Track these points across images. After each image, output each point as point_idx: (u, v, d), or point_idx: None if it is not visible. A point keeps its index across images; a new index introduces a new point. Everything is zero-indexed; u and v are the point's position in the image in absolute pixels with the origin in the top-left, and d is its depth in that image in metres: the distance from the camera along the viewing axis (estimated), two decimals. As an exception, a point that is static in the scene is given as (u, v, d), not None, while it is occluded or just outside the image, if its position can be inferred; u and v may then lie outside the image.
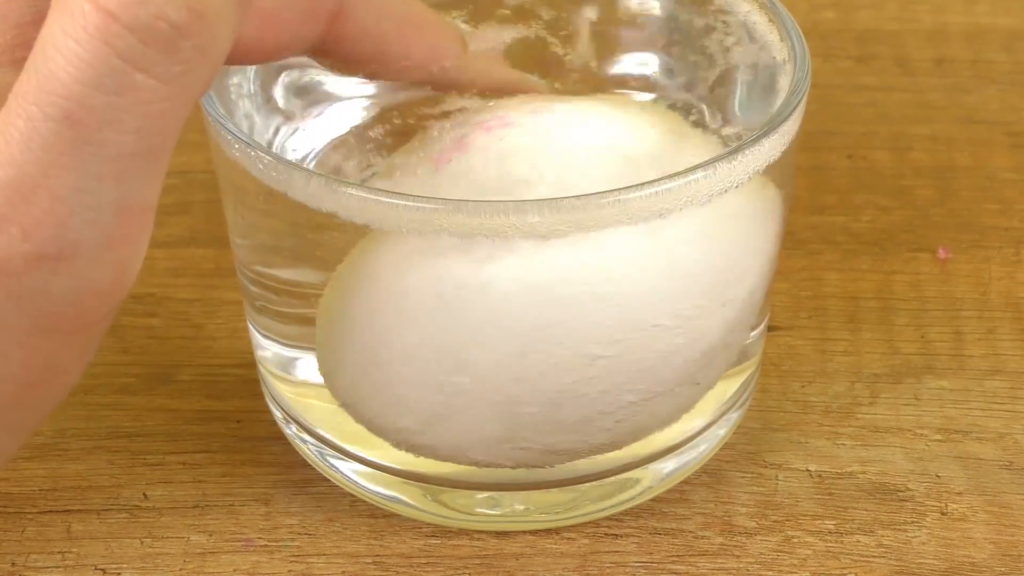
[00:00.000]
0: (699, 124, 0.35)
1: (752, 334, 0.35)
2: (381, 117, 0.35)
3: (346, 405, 0.33)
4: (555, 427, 0.31)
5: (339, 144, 0.35)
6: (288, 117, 0.35)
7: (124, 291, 0.27)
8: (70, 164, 0.25)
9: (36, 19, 0.27)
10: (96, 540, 0.34)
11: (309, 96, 0.36)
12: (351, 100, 0.36)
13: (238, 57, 0.29)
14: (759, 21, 0.35)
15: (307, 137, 0.35)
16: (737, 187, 0.30)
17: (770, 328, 0.39)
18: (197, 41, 0.25)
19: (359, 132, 0.35)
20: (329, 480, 0.35)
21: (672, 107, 0.35)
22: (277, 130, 0.35)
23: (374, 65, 0.32)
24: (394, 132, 0.35)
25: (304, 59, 0.33)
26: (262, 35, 0.29)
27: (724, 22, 0.35)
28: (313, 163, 0.35)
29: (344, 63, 0.32)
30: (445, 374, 0.30)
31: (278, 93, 0.35)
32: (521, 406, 0.31)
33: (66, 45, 0.25)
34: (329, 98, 0.36)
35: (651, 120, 0.32)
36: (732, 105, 0.35)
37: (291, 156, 0.35)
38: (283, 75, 0.35)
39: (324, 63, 0.32)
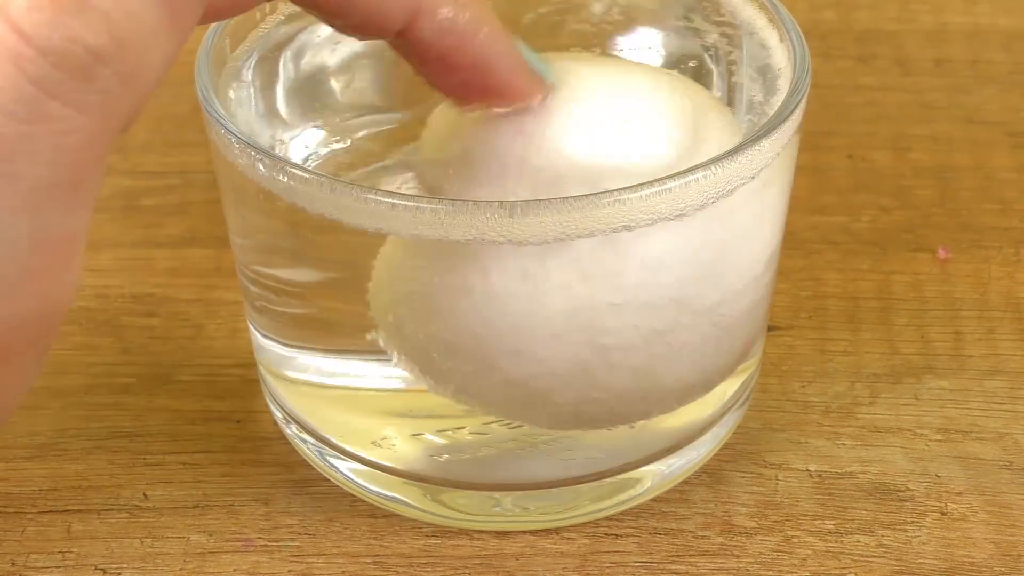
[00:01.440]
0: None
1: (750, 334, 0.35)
2: (379, 130, 0.35)
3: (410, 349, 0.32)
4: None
5: (338, 153, 0.35)
6: (287, 117, 0.35)
7: (54, 318, 0.26)
8: None
9: None
10: (96, 540, 0.34)
11: (309, 95, 0.36)
12: (350, 111, 0.36)
13: (212, 16, 0.27)
14: (759, 21, 0.35)
15: (306, 145, 0.35)
16: (737, 187, 0.30)
17: (770, 328, 0.39)
18: (118, 68, 0.23)
19: (357, 143, 0.35)
20: (329, 480, 0.35)
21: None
22: (276, 130, 0.35)
23: (349, 14, 0.28)
24: (390, 141, 0.35)
25: (304, 66, 0.33)
26: None
27: (724, 22, 0.35)
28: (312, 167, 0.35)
29: (319, 9, 0.29)
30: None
31: (278, 93, 0.35)
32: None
33: None
34: (329, 108, 0.36)
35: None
36: (731, 106, 0.35)
37: (290, 155, 0.35)
38: (283, 83, 0.35)
39: (304, 7, 0.29)
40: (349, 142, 0.35)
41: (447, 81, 0.29)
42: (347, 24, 0.28)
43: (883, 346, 0.39)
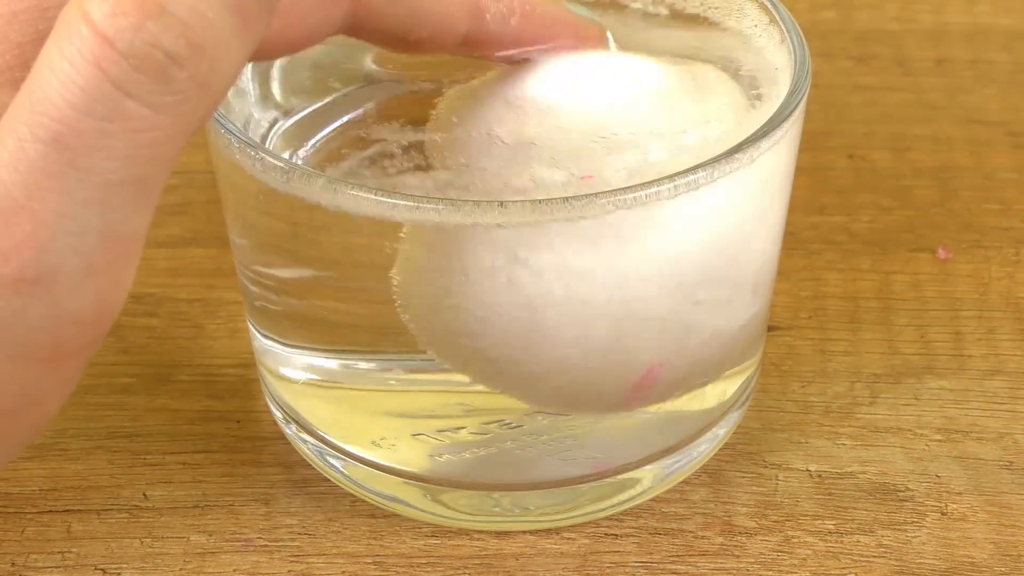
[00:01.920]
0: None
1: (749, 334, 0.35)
2: (378, 110, 0.35)
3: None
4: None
5: (336, 135, 0.35)
6: (286, 111, 0.35)
7: (106, 322, 0.27)
8: (55, 188, 0.25)
9: (38, 39, 0.26)
10: (96, 540, 0.34)
11: (306, 89, 0.36)
12: (349, 93, 0.36)
13: (265, 54, 0.28)
14: (759, 21, 0.35)
15: (304, 130, 0.35)
16: (736, 186, 0.30)
17: (770, 328, 0.39)
18: (194, 72, 0.25)
19: (356, 124, 0.35)
20: (329, 480, 0.35)
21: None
22: (274, 123, 0.35)
23: (414, 35, 0.31)
24: (388, 119, 0.35)
25: (301, 61, 0.33)
26: (285, 28, 0.29)
27: (724, 22, 0.35)
28: (310, 153, 0.35)
29: (382, 37, 0.31)
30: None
31: (275, 87, 0.35)
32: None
33: (61, 67, 0.24)
34: (327, 91, 0.36)
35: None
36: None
37: (288, 148, 0.35)
38: (279, 70, 0.35)
39: (366, 39, 0.31)
40: (342, 124, 0.35)
41: (525, 50, 0.32)
42: (413, 42, 0.30)
43: (883, 346, 0.39)
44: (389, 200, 0.29)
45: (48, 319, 0.26)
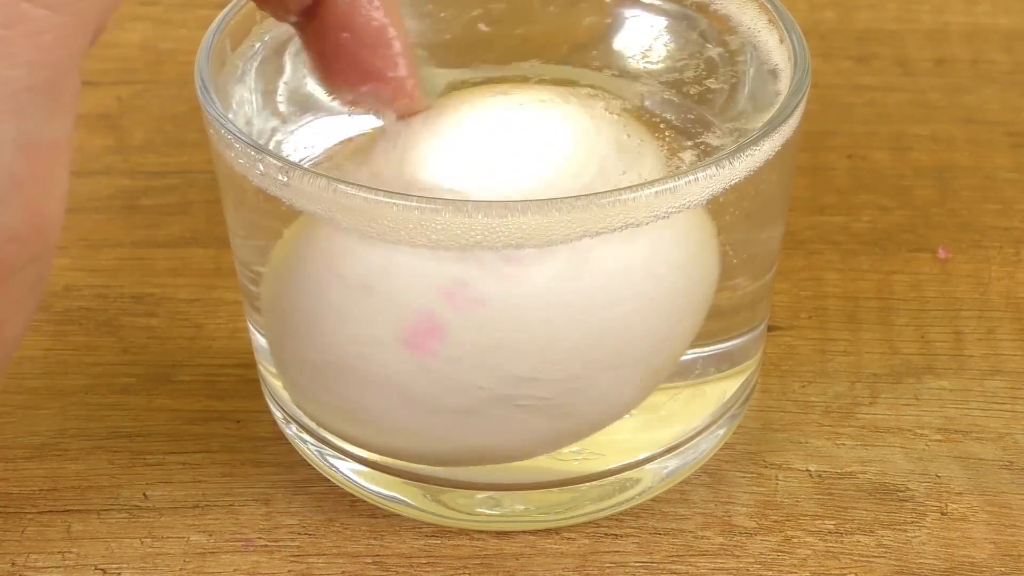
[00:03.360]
0: (698, 126, 0.35)
1: (751, 335, 0.35)
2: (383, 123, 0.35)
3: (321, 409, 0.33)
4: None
5: (336, 151, 0.35)
6: (287, 123, 0.35)
7: (46, 236, 0.26)
8: None
9: None
10: (96, 540, 0.34)
11: (308, 96, 0.36)
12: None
13: None
14: (759, 21, 0.35)
15: (304, 143, 0.35)
16: (736, 187, 0.30)
17: (770, 328, 0.39)
18: None
19: (355, 140, 0.35)
20: (329, 480, 0.35)
21: (671, 104, 0.35)
22: (275, 130, 0.35)
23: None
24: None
25: (303, 69, 0.33)
26: None
27: (724, 23, 0.35)
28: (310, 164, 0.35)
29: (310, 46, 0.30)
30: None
31: (278, 94, 0.35)
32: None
33: None
34: (328, 104, 0.36)
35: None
36: (732, 105, 0.35)
37: (289, 155, 0.35)
38: (284, 82, 0.35)
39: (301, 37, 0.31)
40: (346, 138, 0.35)
41: (342, 61, 0.30)
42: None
43: (883, 346, 0.39)
44: (389, 200, 0.29)
45: None
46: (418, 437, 0.32)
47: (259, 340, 0.35)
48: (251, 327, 0.36)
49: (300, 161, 0.35)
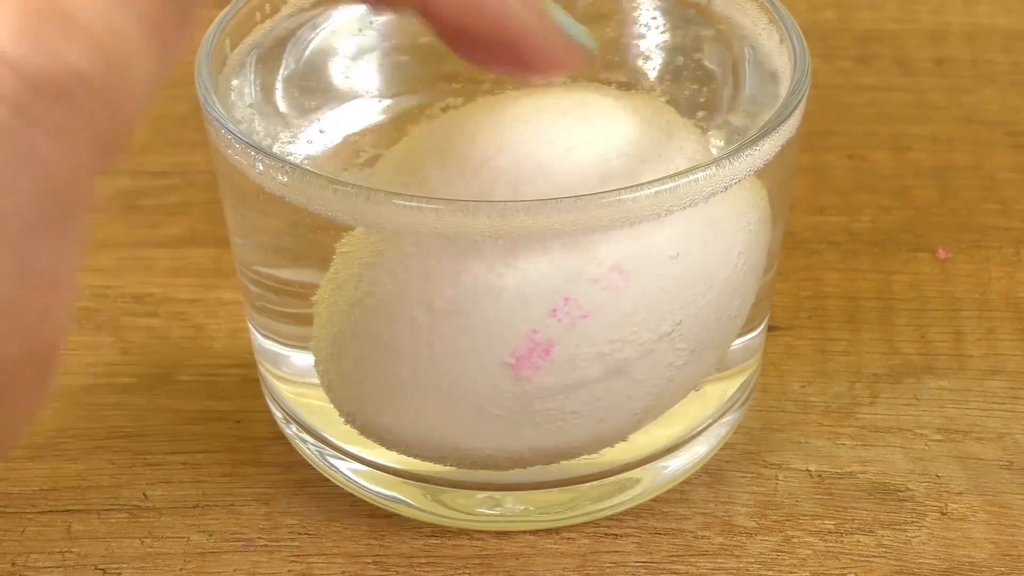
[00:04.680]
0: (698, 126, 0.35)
1: (749, 336, 0.35)
2: (382, 123, 0.35)
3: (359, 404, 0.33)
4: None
5: (338, 150, 0.35)
6: (287, 122, 0.35)
7: (45, 361, 0.24)
8: None
9: None
10: (96, 540, 0.34)
11: (309, 101, 0.36)
12: (352, 105, 0.36)
13: None
14: (759, 22, 0.35)
15: (306, 142, 0.35)
16: (735, 186, 0.30)
17: (770, 328, 0.39)
18: (101, 91, 0.21)
19: (359, 138, 0.35)
20: (329, 480, 0.35)
21: (671, 105, 0.35)
22: (276, 135, 0.35)
23: None
24: (392, 139, 0.35)
25: (304, 63, 0.33)
26: None
27: (724, 23, 0.35)
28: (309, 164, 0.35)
29: None
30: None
31: (278, 97, 0.35)
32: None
33: None
34: (330, 103, 0.36)
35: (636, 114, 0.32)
36: (732, 105, 0.35)
37: (289, 155, 0.35)
38: (283, 80, 0.35)
39: None
40: (347, 137, 0.35)
41: (472, 53, 0.29)
42: None
43: (883, 346, 0.39)
44: (389, 200, 0.29)
45: None
46: (492, 444, 0.32)
47: (259, 340, 0.35)
48: (251, 327, 0.36)
49: (304, 158, 0.35)
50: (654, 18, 0.37)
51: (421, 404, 0.31)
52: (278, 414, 0.36)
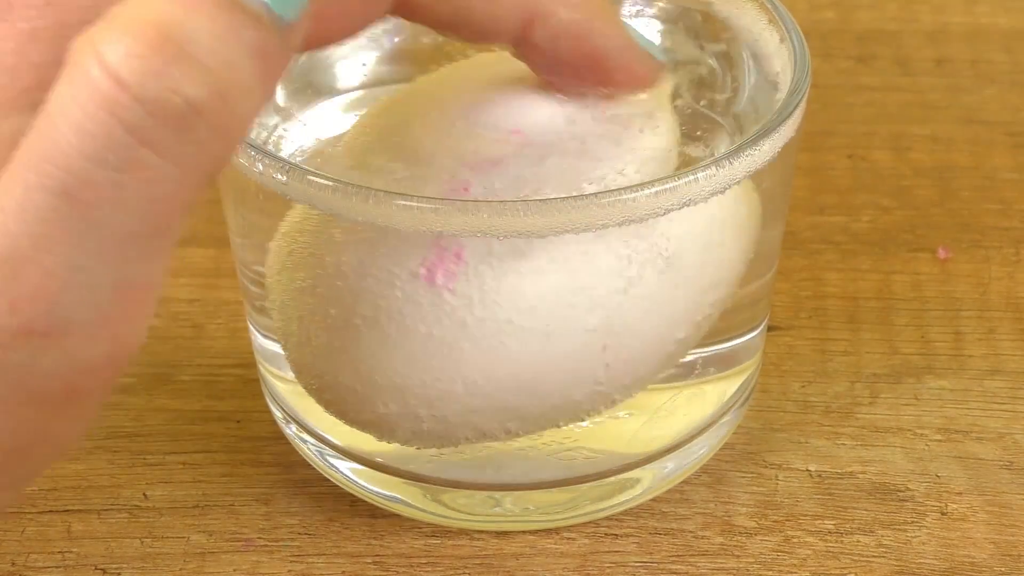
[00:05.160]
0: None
1: (751, 335, 0.35)
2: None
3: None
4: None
5: (336, 140, 0.35)
6: (286, 115, 0.35)
7: (122, 365, 0.25)
8: (65, 240, 0.23)
9: (57, 62, 0.24)
10: (96, 540, 0.34)
11: (307, 93, 0.36)
12: (349, 96, 0.36)
13: (307, 45, 0.26)
14: (759, 22, 0.35)
15: (305, 133, 0.35)
16: (734, 186, 0.30)
17: (770, 328, 0.39)
18: (215, 121, 0.23)
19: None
20: (329, 480, 0.35)
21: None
22: (275, 127, 0.35)
23: (464, 31, 0.29)
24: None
25: (305, 58, 0.32)
26: (328, 24, 0.27)
27: (724, 23, 0.35)
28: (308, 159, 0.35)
29: (433, 24, 0.29)
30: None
31: (278, 94, 0.35)
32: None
33: (71, 111, 0.22)
34: (327, 94, 0.36)
35: None
36: (732, 105, 0.35)
37: (288, 152, 0.35)
38: (283, 77, 0.35)
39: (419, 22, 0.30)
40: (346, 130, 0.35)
41: (565, 79, 0.30)
42: (465, 36, 0.29)
43: (883, 346, 0.39)
44: (389, 200, 0.29)
45: (60, 368, 0.24)
46: (445, 380, 0.31)
47: (259, 340, 0.35)
48: (251, 327, 0.36)
49: (301, 153, 0.35)
50: (652, 18, 0.37)
51: (380, 352, 0.31)
52: (278, 414, 0.36)
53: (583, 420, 0.32)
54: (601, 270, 0.30)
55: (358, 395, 0.31)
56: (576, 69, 0.30)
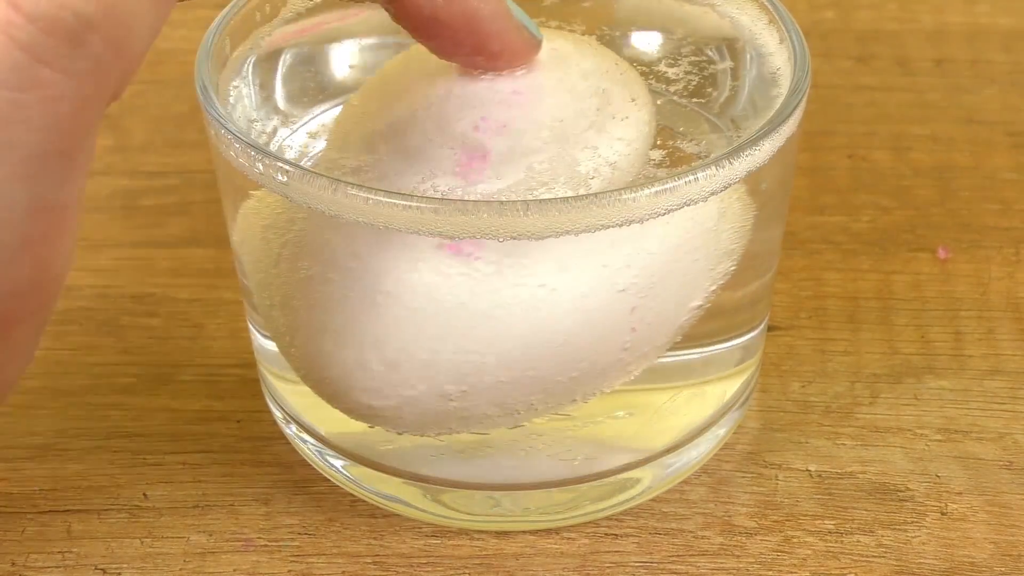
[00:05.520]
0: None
1: (751, 335, 0.35)
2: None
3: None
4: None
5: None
6: (287, 118, 0.35)
7: (50, 290, 0.26)
8: None
9: None
10: (96, 540, 0.34)
11: (308, 96, 0.36)
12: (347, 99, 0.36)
13: None
14: (759, 22, 0.35)
15: (305, 139, 0.35)
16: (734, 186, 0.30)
17: (770, 328, 0.39)
18: (107, 35, 0.24)
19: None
20: (329, 480, 0.35)
21: (671, 105, 0.35)
22: (276, 131, 0.35)
23: None
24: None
25: (304, 61, 0.32)
26: None
27: (724, 23, 0.35)
28: (310, 163, 0.35)
29: None
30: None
31: (277, 94, 0.35)
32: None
33: None
34: (327, 98, 0.36)
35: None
36: (732, 105, 0.35)
37: (289, 156, 0.35)
38: (283, 77, 0.35)
39: None
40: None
41: (441, 43, 0.30)
42: None
43: (883, 346, 0.39)
44: (387, 201, 0.29)
45: None
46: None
47: (260, 340, 0.35)
48: (251, 327, 0.36)
49: (301, 157, 0.35)
50: (652, 18, 0.37)
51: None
52: (278, 414, 0.36)
53: (602, 390, 0.32)
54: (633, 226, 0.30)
55: (383, 378, 0.31)
56: (453, 31, 0.29)
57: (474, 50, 0.30)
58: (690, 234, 0.30)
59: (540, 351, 0.30)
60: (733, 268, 0.32)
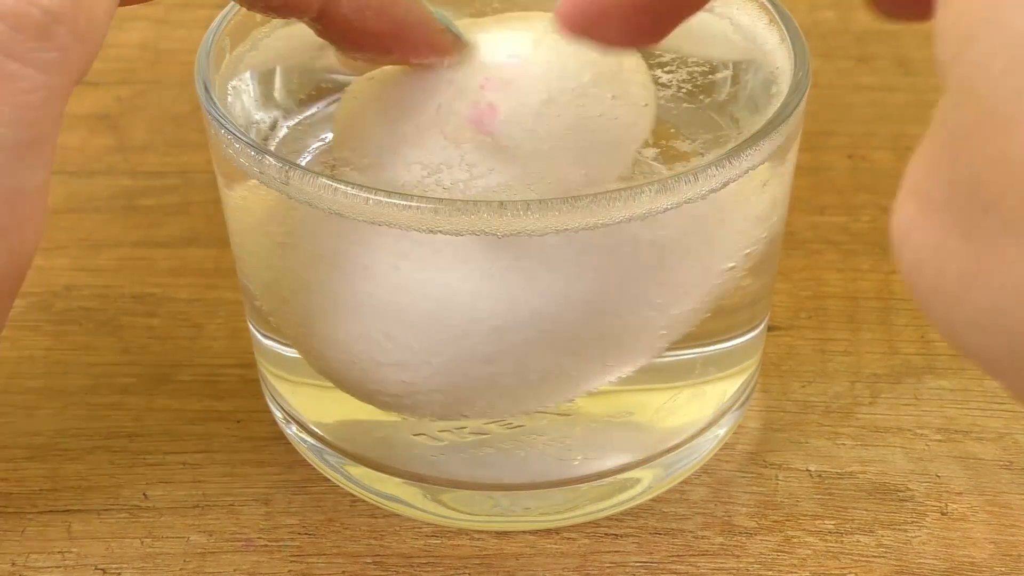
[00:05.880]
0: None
1: (751, 335, 0.35)
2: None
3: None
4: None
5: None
6: (287, 114, 0.35)
7: (18, 273, 0.27)
8: None
9: None
10: (96, 540, 0.34)
11: (307, 93, 0.36)
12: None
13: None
14: (759, 22, 0.35)
15: (305, 134, 0.35)
16: (733, 186, 0.30)
17: (770, 328, 0.39)
18: (72, 26, 0.24)
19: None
20: (329, 480, 0.35)
21: (671, 105, 0.35)
22: (275, 125, 0.35)
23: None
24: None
25: (304, 57, 0.32)
26: None
27: (724, 23, 0.35)
28: (310, 159, 0.35)
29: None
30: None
31: (277, 91, 0.35)
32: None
33: None
34: (327, 94, 0.36)
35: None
36: (733, 105, 0.35)
37: (289, 152, 0.35)
38: (281, 73, 0.35)
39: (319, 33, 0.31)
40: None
41: (368, 53, 0.30)
42: (268, 7, 0.29)
43: (883, 346, 0.39)
44: (388, 200, 0.29)
45: None
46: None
47: (259, 340, 0.35)
48: (251, 327, 0.36)
49: (308, 152, 0.35)
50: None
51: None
52: (278, 414, 0.36)
53: (635, 359, 0.32)
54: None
55: (410, 347, 0.31)
56: (381, 40, 0.30)
57: (402, 56, 0.30)
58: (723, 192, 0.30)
59: (576, 308, 0.30)
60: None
